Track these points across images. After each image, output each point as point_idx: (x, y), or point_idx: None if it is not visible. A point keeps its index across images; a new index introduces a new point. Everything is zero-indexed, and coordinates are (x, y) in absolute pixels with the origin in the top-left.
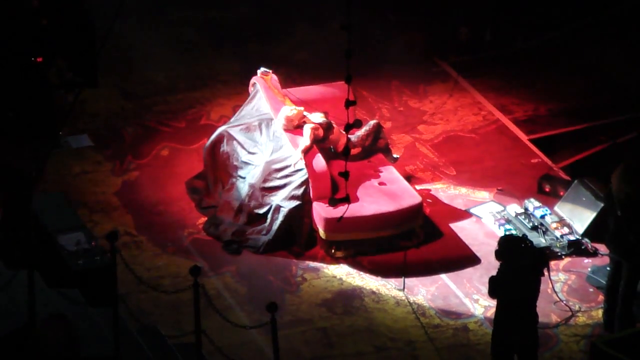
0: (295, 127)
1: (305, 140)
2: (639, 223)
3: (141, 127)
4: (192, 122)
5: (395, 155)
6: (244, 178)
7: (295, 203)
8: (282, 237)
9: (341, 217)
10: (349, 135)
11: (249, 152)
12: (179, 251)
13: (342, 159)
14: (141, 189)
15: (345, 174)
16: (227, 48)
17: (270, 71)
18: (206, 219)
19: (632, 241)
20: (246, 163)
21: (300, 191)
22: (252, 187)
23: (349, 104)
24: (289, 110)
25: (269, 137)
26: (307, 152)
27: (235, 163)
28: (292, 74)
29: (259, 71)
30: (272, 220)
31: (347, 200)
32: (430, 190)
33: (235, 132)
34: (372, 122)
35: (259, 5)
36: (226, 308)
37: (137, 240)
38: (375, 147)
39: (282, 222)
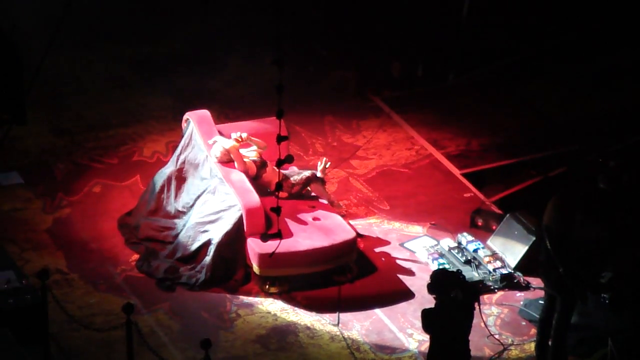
0: (229, 160)
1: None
2: (566, 255)
3: (72, 163)
4: (124, 159)
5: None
6: (180, 219)
7: (225, 237)
8: (216, 273)
9: (273, 253)
10: (283, 171)
11: (186, 193)
12: (112, 289)
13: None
14: (73, 226)
15: (276, 210)
16: (159, 84)
17: (244, 137)
18: (139, 256)
19: (561, 274)
20: (184, 205)
21: (233, 226)
22: (186, 226)
23: (280, 139)
24: (225, 141)
25: (204, 174)
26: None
27: (173, 204)
28: (225, 110)
29: (233, 135)
30: (204, 256)
31: (278, 235)
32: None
33: (172, 172)
34: (306, 174)
35: (190, 40)
36: (160, 345)
37: (68, 278)
38: (305, 193)
39: (214, 257)
